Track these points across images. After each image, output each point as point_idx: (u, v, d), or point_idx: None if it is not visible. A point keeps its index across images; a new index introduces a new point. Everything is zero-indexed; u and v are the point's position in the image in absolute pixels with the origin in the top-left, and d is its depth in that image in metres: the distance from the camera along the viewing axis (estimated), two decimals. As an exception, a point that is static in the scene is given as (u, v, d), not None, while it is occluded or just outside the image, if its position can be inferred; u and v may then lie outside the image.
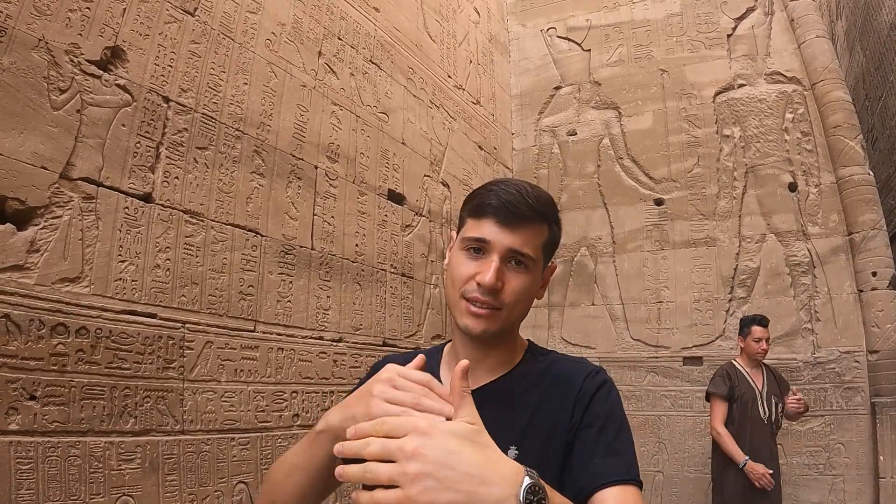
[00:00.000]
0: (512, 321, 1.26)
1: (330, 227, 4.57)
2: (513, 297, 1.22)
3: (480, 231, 1.23)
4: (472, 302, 1.21)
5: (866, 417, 5.54)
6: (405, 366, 1.09)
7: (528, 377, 1.28)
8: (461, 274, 1.23)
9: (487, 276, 1.18)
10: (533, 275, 1.26)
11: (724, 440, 4.56)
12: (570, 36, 7.77)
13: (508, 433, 1.19)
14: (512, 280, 1.22)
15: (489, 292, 1.20)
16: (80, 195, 2.95)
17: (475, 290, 1.20)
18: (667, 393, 6.32)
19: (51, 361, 2.71)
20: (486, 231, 1.22)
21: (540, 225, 1.26)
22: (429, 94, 6.10)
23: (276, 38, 4.26)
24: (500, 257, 1.21)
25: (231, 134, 3.84)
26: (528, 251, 1.23)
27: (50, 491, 2.63)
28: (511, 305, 1.23)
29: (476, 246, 1.23)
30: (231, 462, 3.54)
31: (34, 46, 2.80)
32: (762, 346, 4.72)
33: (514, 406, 1.24)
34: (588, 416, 1.20)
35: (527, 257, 1.23)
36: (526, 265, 1.23)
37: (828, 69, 6.36)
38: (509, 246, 1.21)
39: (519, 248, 1.22)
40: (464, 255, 1.25)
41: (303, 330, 4.22)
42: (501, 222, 1.22)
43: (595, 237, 7.05)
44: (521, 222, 1.22)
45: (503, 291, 1.21)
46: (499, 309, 1.22)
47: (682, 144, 6.83)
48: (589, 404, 1.21)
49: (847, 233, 5.98)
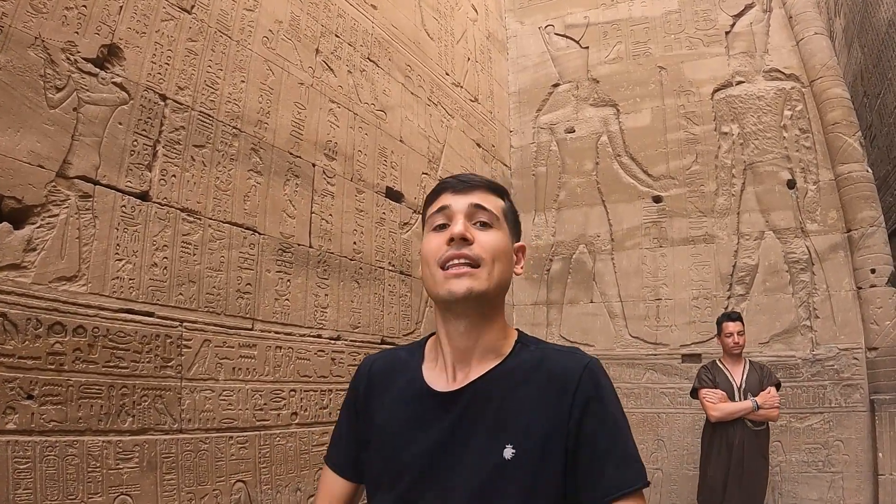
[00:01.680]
0: (494, 282, 1.24)
1: (328, 225, 4.56)
2: (487, 251, 1.24)
3: (440, 202, 1.30)
4: (449, 263, 1.23)
5: (865, 414, 5.54)
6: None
7: (522, 369, 1.26)
8: (432, 247, 1.26)
9: (457, 227, 1.23)
10: (501, 233, 1.28)
11: (728, 407, 4.61)
12: (568, 33, 7.75)
13: (504, 430, 1.19)
14: (481, 235, 1.25)
15: (461, 243, 1.22)
16: (76, 194, 2.94)
17: (448, 250, 1.23)
18: (665, 390, 6.32)
19: (48, 360, 2.70)
20: (445, 199, 1.30)
21: (493, 193, 1.32)
22: (427, 92, 6.09)
23: (273, 35, 4.25)
24: (463, 214, 1.26)
25: (228, 132, 3.83)
26: (488, 206, 1.28)
27: (48, 490, 2.63)
28: (489, 261, 1.23)
29: (441, 221, 1.28)
30: (229, 461, 3.53)
31: (30, 44, 2.79)
32: (734, 339, 4.82)
33: (509, 400, 1.22)
34: (591, 419, 1.18)
35: (489, 212, 1.27)
36: (490, 224, 1.27)
37: (826, 66, 6.36)
38: (469, 202, 1.27)
39: (481, 202, 1.28)
40: (433, 233, 1.29)
41: (301, 328, 4.22)
42: (457, 189, 1.30)
43: (593, 235, 7.04)
44: (473, 187, 1.30)
45: (476, 244, 1.23)
46: (476, 266, 1.22)
47: (680, 142, 6.82)
48: (588, 406, 1.19)
49: (846, 230, 5.98)
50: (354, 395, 1.41)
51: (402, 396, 1.30)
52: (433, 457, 1.20)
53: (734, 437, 4.58)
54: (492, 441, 1.18)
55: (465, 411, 1.22)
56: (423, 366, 1.34)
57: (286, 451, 3.94)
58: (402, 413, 1.28)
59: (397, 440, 1.25)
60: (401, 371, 1.35)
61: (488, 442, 1.18)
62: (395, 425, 1.28)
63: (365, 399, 1.37)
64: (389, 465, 1.26)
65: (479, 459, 1.18)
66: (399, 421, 1.28)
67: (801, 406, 5.77)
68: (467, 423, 1.21)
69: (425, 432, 1.23)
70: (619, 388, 6.52)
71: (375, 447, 1.30)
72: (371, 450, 1.31)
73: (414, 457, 1.22)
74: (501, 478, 1.15)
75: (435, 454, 1.20)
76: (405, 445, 1.24)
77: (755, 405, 4.52)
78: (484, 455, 1.18)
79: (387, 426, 1.29)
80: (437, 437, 1.22)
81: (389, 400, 1.32)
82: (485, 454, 1.18)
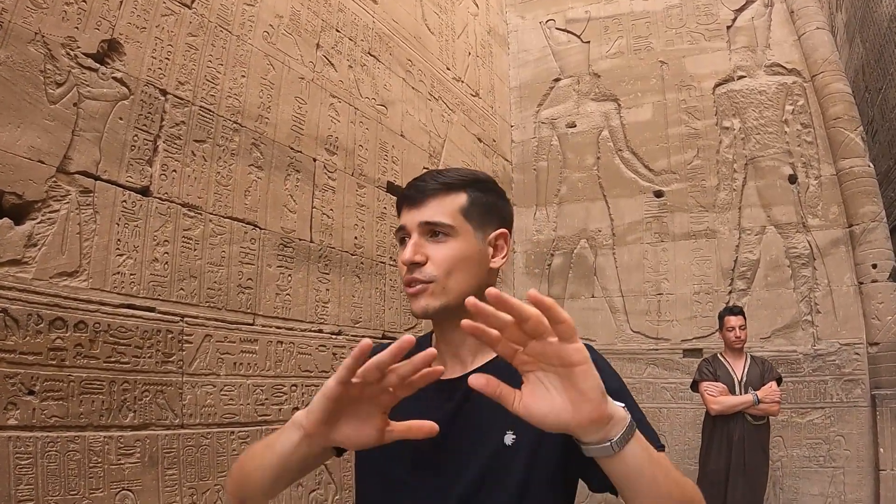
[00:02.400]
0: (455, 292, 1.22)
1: (329, 220, 4.56)
2: (441, 267, 1.23)
3: (400, 221, 1.30)
4: (408, 285, 1.25)
5: (866, 409, 5.55)
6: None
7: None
8: (399, 267, 1.28)
9: (406, 253, 1.24)
10: (460, 241, 1.25)
11: (728, 401, 4.62)
12: (569, 28, 7.73)
13: (504, 416, 1.18)
14: (435, 252, 1.24)
15: (413, 268, 1.23)
16: (77, 189, 2.94)
17: (405, 272, 1.25)
18: (667, 385, 6.33)
19: (49, 356, 2.70)
20: (403, 218, 1.29)
21: (449, 193, 1.28)
22: (427, 87, 6.07)
23: (273, 30, 4.24)
24: (417, 233, 1.26)
25: (229, 127, 3.83)
26: (440, 219, 1.25)
27: (49, 486, 2.63)
28: (443, 276, 1.22)
29: (401, 236, 1.30)
30: (231, 456, 3.53)
31: (30, 40, 2.79)
32: (735, 333, 4.82)
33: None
34: None
35: (442, 225, 1.25)
36: (445, 233, 1.25)
37: (828, 61, 6.34)
38: (419, 221, 1.26)
39: (429, 218, 1.25)
40: (400, 249, 1.30)
41: (302, 323, 4.22)
42: (410, 204, 1.29)
43: (595, 229, 7.04)
44: (426, 196, 1.27)
45: (428, 264, 1.23)
46: (429, 283, 1.22)
47: (681, 136, 6.81)
48: None
49: (847, 225, 5.97)
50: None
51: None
52: (432, 443, 1.20)
53: (734, 432, 4.59)
54: (493, 428, 1.19)
55: (466, 399, 1.22)
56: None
57: (287, 446, 3.93)
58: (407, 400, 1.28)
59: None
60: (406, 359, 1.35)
61: (489, 429, 1.19)
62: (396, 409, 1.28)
63: None
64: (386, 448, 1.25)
65: (479, 445, 1.19)
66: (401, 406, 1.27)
67: (802, 401, 5.78)
68: (468, 410, 1.22)
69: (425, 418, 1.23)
70: (620, 383, 6.57)
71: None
72: None
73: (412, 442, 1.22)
74: (502, 463, 1.16)
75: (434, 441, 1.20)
76: None
77: (756, 399, 4.52)
78: (485, 441, 1.19)
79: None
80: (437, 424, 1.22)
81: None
82: (485, 440, 1.19)
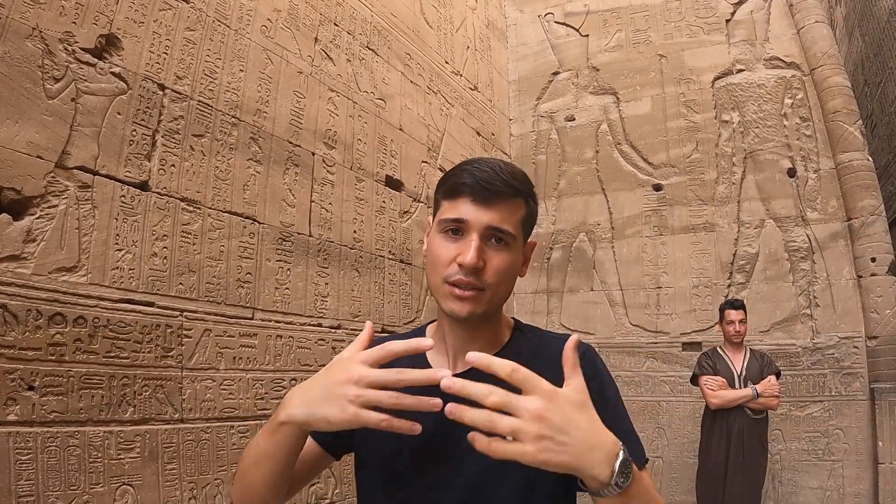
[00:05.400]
0: (497, 301, 1.24)
1: (328, 214, 4.55)
2: (496, 277, 1.20)
3: (457, 211, 1.20)
4: (455, 285, 1.19)
5: (865, 403, 5.56)
6: (399, 343, 1.10)
7: (521, 356, 1.23)
8: (441, 257, 1.20)
9: (469, 256, 1.16)
10: (514, 252, 1.23)
11: (727, 395, 4.63)
12: (568, 21, 7.71)
13: None
14: (494, 258, 1.20)
15: (471, 272, 1.17)
16: (76, 184, 2.94)
17: (457, 272, 1.18)
18: (666, 378, 6.34)
19: (49, 351, 2.71)
20: (463, 210, 1.20)
21: (516, 200, 1.23)
22: (426, 80, 6.07)
23: (271, 24, 4.23)
24: (479, 235, 1.18)
25: (227, 121, 3.82)
26: (507, 227, 1.20)
27: (49, 481, 2.64)
28: (495, 285, 1.20)
29: (454, 227, 1.21)
30: (231, 450, 3.54)
31: (28, 35, 2.78)
32: (735, 327, 4.83)
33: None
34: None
35: (506, 234, 1.20)
36: (506, 242, 1.21)
37: (827, 54, 6.33)
38: (487, 223, 1.19)
39: (497, 224, 1.19)
40: (442, 238, 1.22)
41: (301, 317, 4.22)
42: (477, 200, 1.19)
43: (594, 223, 7.04)
44: (497, 199, 1.20)
45: (485, 271, 1.19)
46: (482, 290, 1.19)
47: (680, 130, 6.80)
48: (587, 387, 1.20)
49: (846, 218, 5.97)
50: None
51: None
52: (433, 438, 1.20)
53: (734, 425, 4.60)
54: None
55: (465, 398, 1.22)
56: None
57: (287, 440, 3.94)
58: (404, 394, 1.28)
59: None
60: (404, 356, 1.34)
61: None
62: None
63: None
64: (385, 443, 1.25)
65: None
66: None
67: (802, 394, 5.78)
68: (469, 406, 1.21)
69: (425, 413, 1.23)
70: (619, 376, 6.54)
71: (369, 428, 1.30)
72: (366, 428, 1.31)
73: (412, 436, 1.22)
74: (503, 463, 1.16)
75: (435, 436, 1.20)
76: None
77: (755, 393, 4.53)
78: None
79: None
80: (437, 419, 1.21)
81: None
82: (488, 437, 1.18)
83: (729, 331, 4.85)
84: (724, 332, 4.94)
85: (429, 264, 1.26)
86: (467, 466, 1.19)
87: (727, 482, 4.59)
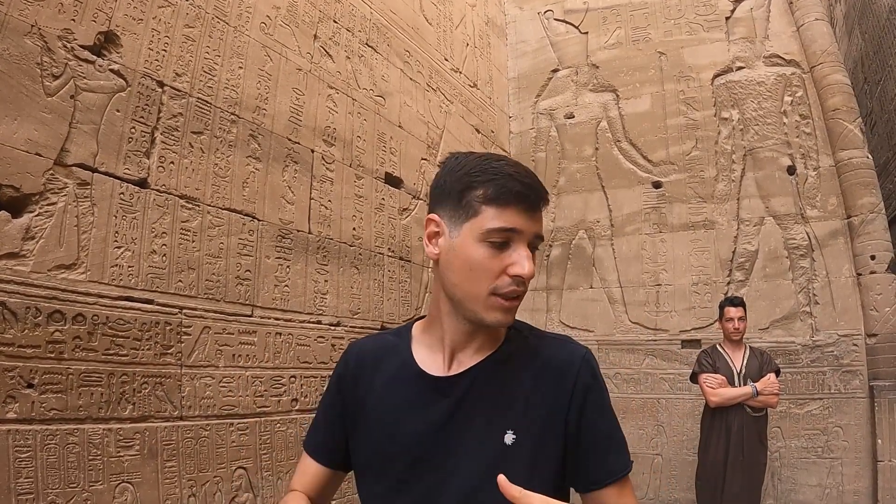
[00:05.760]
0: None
1: (327, 211, 4.55)
2: (530, 281, 1.19)
3: (508, 220, 1.14)
4: (506, 296, 1.16)
5: (864, 401, 5.56)
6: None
7: (519, 356, 1.26)
8: (491, 269, 1.15)
9: (528, 268, 1.14)
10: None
11: (727, 393, 4.63)
12: (568, 18, 7.70)
13: (503, 415, 1.20)
14: (531, 266, 1.17)
15: (517, 280, 1.15)
16: (74, 181, 2.93)
17: (510, 283, 1.15)
18: (665, 376, 6.34)
19: (48, 349, 2.71)
20: (515, 220, 1.14)
21: (546, 204, 1.23)
22: (425, 78, 6.06)
23: (271, 21, 4.23)
24: (525, 244, 1.16)
25: (226, 118, 3.82)
26: (542, 234, 1.20)
27: (49, 479, 2.64)
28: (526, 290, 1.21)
29: (504, 239, 1.15)
30: (230, 447, 3.54)
31: (27, 32, 2.77)
32: (734, 324, 4.82)
33: (507, 387, 1.22)
34: (591, 408, 1.22)
35: (541, 241, 1.21)
36: (537, 248, 1.21)
37: (827, 52, 6.33)
38: (536, 232, 1.17)
39: (540, 232, 1.19)
40: (487, 248, 1.15)
41: (300, 314, 4.22)
42: (528, 208, 1.15)
43: (593, 220, 7.04)
44: (541, 206, 1.19)
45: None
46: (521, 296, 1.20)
47: (680, 127, 6.80)
48: (587, 395, 1.21)
49: (846, 216, 5.97)
50: (340, 379, 1.37)
51: (394, 379, 1.29)
52: (429, 441, 1.20)
53: (733, 423, 4.60)
54: (492, 426, 1.19)
55: (465, 396, 1.22)
56: (412, 349, 1.31)
57: (286, 437, 3.95)
58: (395, 396, 1.27)
59: (389, 423, 1.25)
60: (391, 354, 1.33)
61: (488, 427, 1.19)
62: (387, 407, 1.27)
63: (353, 382, 1.34)
64: (381, 448, 1.25)
65: (479, 444, 1.19)
66: (391, 404, 1.27)
67: (801, 392, 5.78)
68: (466, 408, 1.21)
69: (420, 416, 1.23)
70: (618, 373, 6.56)
71: (364, 430, 1.29)
72: (359, 433, 1.30)
73: (408, 440, 1.22)
74: (503, 462, 1.16)
75: (431, 438, 1.20)
76: (398, 428, 1.23)
77: (755, 391, 4.53)
78: (484, 440, 1.19)
79: (377, 408, 1.28)
80: (434, 422, 1.22)
81: (380, 383, 1.30)
82: (485, 439, 1.19)
83: (728, 328, 4.84)
84: (723, 329, 4.93)
85: (463, 272, 1.18)
86: (464, 470, 1.19)
87: (726, 480, 4.59)
